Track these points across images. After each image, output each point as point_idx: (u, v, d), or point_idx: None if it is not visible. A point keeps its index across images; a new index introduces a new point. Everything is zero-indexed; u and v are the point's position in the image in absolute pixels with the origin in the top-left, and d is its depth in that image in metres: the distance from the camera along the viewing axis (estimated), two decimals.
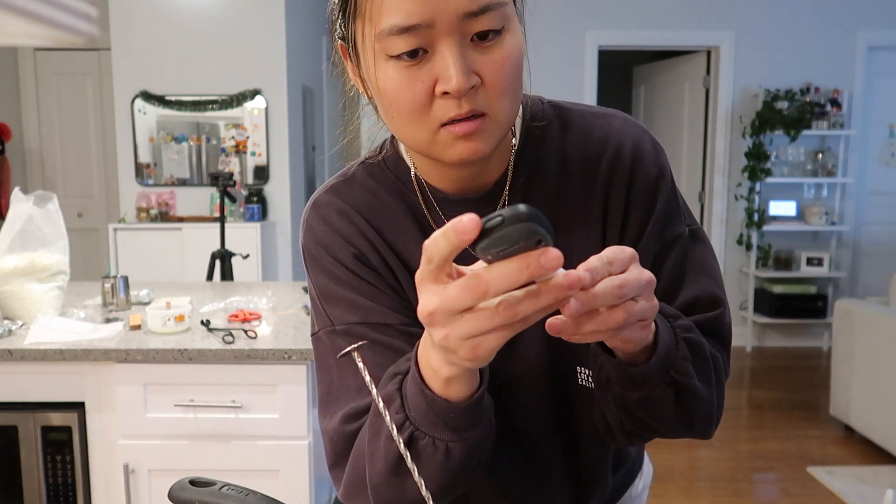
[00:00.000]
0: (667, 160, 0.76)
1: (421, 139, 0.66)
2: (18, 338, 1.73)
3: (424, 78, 0.62)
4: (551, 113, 0.77)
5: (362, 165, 0.80)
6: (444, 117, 0.63)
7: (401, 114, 0.65)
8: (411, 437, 0.60)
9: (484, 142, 0.65)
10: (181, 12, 4.16)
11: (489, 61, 0.62)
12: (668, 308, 0.68)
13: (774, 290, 4.91)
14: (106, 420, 1.72)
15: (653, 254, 0.73)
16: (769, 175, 4.80)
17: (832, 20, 4.86)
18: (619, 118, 0.76)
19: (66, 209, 2.24)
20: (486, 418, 0.62)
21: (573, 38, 4.89)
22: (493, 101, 0.64)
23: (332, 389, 0.73)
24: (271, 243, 4.28)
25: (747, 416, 3.76)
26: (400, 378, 0.63)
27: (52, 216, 1.94)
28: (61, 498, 1.72)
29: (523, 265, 0.44)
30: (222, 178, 3.26)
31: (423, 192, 0.76)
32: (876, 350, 3.14)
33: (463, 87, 0.61)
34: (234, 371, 1.67)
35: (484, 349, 0.48)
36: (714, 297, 0.74)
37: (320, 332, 0.75)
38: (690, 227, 0.76)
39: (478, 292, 0.46)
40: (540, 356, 0.75)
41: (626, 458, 0.88)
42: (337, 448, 0.70)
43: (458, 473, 0.62)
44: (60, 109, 5.19)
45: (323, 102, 5.27)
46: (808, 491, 2.88)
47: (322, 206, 0.77)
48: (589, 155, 0.75)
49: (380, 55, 0.63)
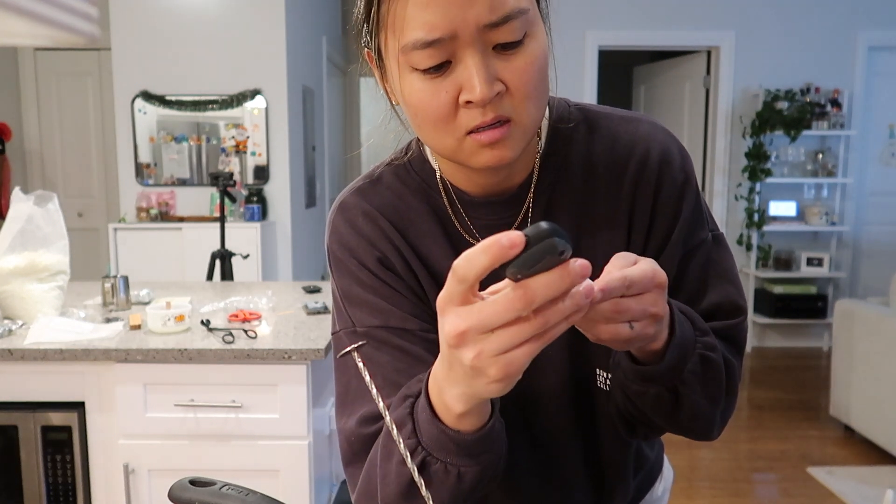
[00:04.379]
0: (692, 166, 0.76)
1: (447, 147, 0.66)
2: (18, 337, 1.73)
3: (449, 88, 0.62)
4: (577, 116, 0.77)
5: (388, 167, 0.80)
6: (469, 126, 0.63)
7: (426, 123, 0.65)
8: (423, 461, 0.60)
9: (510, 148, 0.65)
10: (181, 12, 4.16)
11: (513, 68, 0.62)
12: (700, 321, 0.68)
13: (774, 291, 4.91)
14: (106, 420, 1.72)
15: (678, 259, 0.74)
16: (769, 175, 4.80)
17: (832, 20, 4.86)
18: (647, 123, 0.76)
19: (66, 209, 2.24)
20: (498, 441, 0.62)
21: (573, 38, 4.89)
22: (519, 107, 0.64)
23: (350, 389, 0.73)
24: (271, 243, 4.28)
25: (747, 416, 3.76)
26: (411, 402, 0.62)
27: (52, 216, 1.94)
28: (61, 498, 1.72)
29: (564, 274, 0.46)
30: (222, 178, 3.25)
31: (447, 194, 0.77)
32: (876, 350, 3.14)
33: (486, 97, 0.61)
34: (234, 371, 1.67)
35: (516, 366, 0.48)
36: (736, 305, 0.75)
37: (341, 332, 0.75)
38: (713, 231, 0.77)
39: (524, 303, 0.46)
40: (561, 360, 0.75)
41: (645, 461, 0.88)
42: (354, 448, 0.71)
43: (469, 494, 0.62)
44: (60, 109, 5.18)
45: (323, 102, 5.27)
46: (808, 491, 2.88)
47: (348, 208, 0.77)
48: (615, 159, 0.74)
49: (404, 67, 0.64)
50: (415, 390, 0.63)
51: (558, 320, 0.47)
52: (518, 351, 0.48)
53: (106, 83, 4.99)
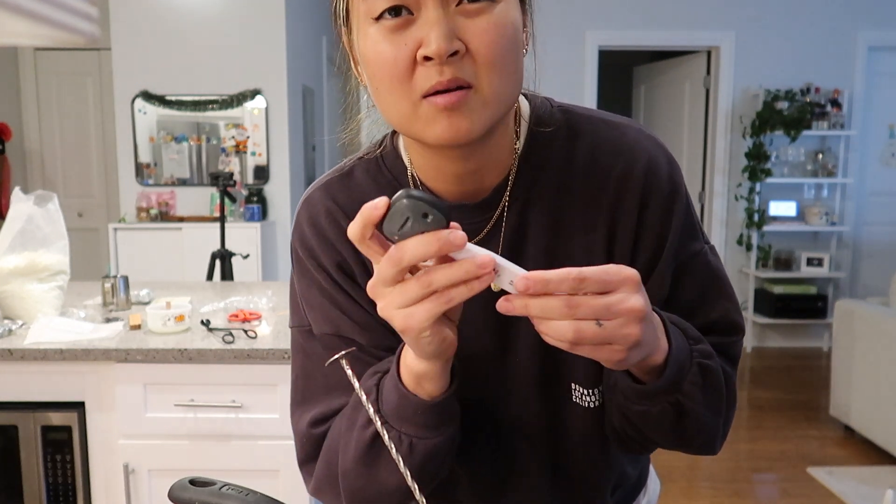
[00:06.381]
0: (681, 175, 0.72)
1: (403, 112, 0.62)
2: (18, 337, 1.73)
3: (408, 41, 0.59)
4: (559, 118, 0.73)
5: (360, 161, 0.77)
6: (424, 86, 0.60)
7: (383, 83, 0.62)
8: (380, 430, 0.63)
9: (468, 118, 0.60)
10: (181, 12, 4.16)
11: (476, 28, 0.59)
12: (691, 330, 0.67)
13: (774, 291, 4.91)
14: (106, 420, 1.72)
15: (670, 274, 0.71)
16: (769, 175, 4.80)
17: (832, 20, 4.86)
18: (633, 129, 0.72)
19: (66, 209, 2.24)
20: (452, 423, 0.66)
21: (573, 38, 4.89)
22: (481, 73, 0.60)
23: (300, 387, 0.76)
24: (271, 243, 4.28)
25: (747, 417, 3.76)
26: (379, 375, 0.67)
27: (52, 216, 1.94)
28: (61, 498, 1.72)
29: (432, 238, 0.51)
30: (222, 177, 3.25)
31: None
32: (876, 350, 3.14)
33: (443, 50, 0.58)
34: (234, 371, 1.67)
35: (415, 320, 0.54)
36: (733, 324, 0.73)
37: (295, 329, 0.77)
38: (707, 243, 0.74)
39: (395, 260, 0.52)
40: (531, 365, 0.73)
41: (626, 479, 0.84)
42: (306, 449, 0.74)
43: (419, 471, 0.64)
44: (60, 109, 5.18)
45: (323, 102, 5.27)
46: (808, 491, 2.88)
47: (313, 203, 0.75)
48: (598, 166, 0.70)
49: (364, 19, 0.61)
50: (383, 367, 0.67)
51: (445, 283, 0.52)
52: (415, 308, 0.53)
53: (106, 83, 4.99)
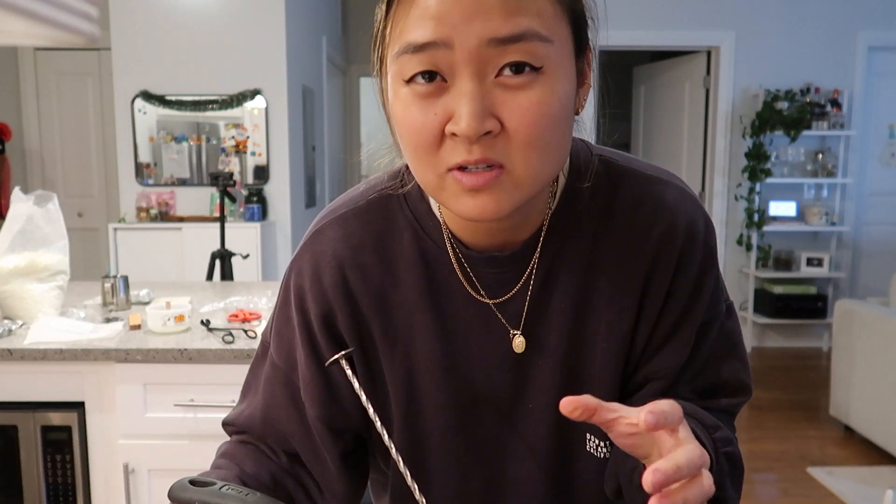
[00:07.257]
0: (716, 240, 0.70)
1: (429, 182, 0.58)
2: (18, 337, 1.73)
3: (438, 111, 0.54)
4: (599, 169, 0.68)
5: (379, 195, 0.71)
6: (451, 161, 0.54)
7: (409, 148, 0.57)
8: None
9: (497, 201, 0.55)
10: (181, 12, 4.16)
11: (515, 105, 0.53)
12: (707, 417, 0.65)
13: (774, 291, 4.91)
14: (106, 420, 1.72)
15: (693, 337, 0.68)
16: (769, 175, 4.80)
17: (832, 20, 4.86)
18: (675, 188, 0.69)
19: (66, 209, 2.24)
20: None
21: None
22: (515, 154, 0.54)
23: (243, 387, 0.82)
24: (271, 243, 4.28)
25: (747, 417, 3.75)
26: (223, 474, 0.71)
27: (52, 216, 1.94)
28: (61, 498, 1.72)
29: None
30: (222, 177, 3.26)
31: (443, 239, 0.68)
32: (876, 350, 3.14)
33: (473, 131, 0.52)
34: (234, 371, 1.67)
35: None
36: (743, 384, 0.72)
37: (262, 342, 0.79)
38: (726, 301, 0.72)
39: None
40: (547, 413, 0.69)
41: None
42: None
43: None
44: (60, 109, 5.18)
45: (323, 102, 5.27)
46: (808, 491, 2.88)
47: (322, 241, 0.70)
48: (637, 225, 0.66)
49: (396, 79, 0.56)
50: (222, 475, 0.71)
51: None
52: None
53: (106, 83, 4.99)
